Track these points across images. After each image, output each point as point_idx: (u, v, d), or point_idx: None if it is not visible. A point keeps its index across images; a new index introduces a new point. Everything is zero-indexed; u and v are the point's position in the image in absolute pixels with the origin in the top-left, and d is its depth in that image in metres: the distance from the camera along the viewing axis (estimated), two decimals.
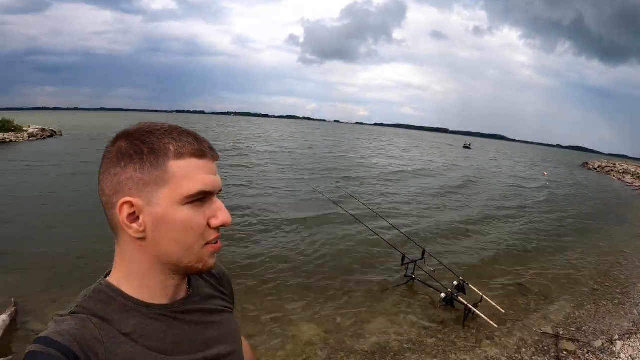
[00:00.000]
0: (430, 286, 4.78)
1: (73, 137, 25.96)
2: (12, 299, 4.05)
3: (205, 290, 0.78)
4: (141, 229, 0.61)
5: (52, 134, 24.68)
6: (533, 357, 3.61)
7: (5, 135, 20.15)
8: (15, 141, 20.25)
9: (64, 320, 0.59)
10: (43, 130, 24.03)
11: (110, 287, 0.65)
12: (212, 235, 0.65)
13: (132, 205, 0.60)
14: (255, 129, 53.37)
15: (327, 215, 8.29)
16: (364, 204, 6.84)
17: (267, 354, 3.62)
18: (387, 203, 10.47)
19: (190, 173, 0.61)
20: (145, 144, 0.61)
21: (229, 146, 23.98)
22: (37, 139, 22.22)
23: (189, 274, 0.69)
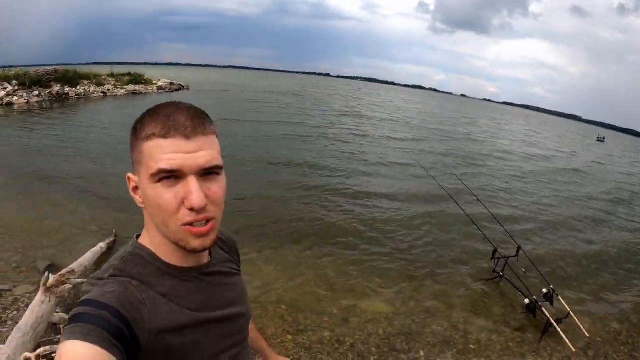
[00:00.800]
0: (517, 288, 4.43)
1: (199, 91, 28.47)
2: (114, 231, 4.67)
3: (221, 253, 0.86)
4: (140, 200, 0.69)
5: (180, 88, 27.17)
6: None
7: (137, 87, 22.72)
8: (145, 93, 22.81)
9: (105, 283, 0.64)
10: (171, 83, 26.68)
11: (146, 250, 0.71)
12: (187, 216, 0.64)
13: (130, 179, 0.70)
14: (386, 97, 51.53)
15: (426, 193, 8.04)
16: (465, 185, 6.48)
17: (334, 320, 3.70)
18: (504, 193, 9.68)
19: (153, 153, 0.63)
20: (137, 129, 0.67)
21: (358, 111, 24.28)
22: (165, 91, 24.68)
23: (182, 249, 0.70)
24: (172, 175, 0.63)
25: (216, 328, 0.75)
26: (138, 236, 0.75)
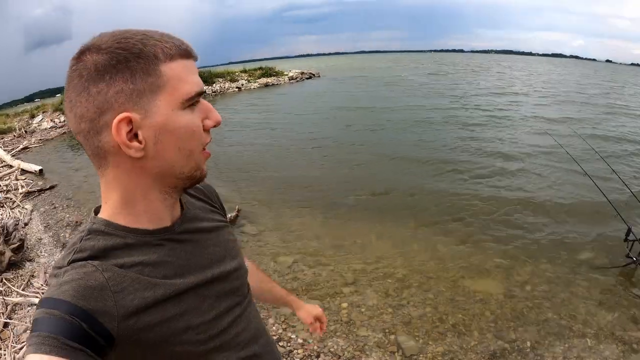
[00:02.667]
0: None
1: (329, 77, 29.44)
2: (237, 206, 5.17)
3: (198, 205, 0.77)
4: (142, 145, 0.57)
5: (311, 76, 28.42)
6: None
7: (269, 80, 24.65)
8: (278, 84, 24.67)
9: (65, 271, 0.55)
10: (302, 73, 28.12)
11: (105, 222, 0.62)
12: (207, 137, 0.64)
13: (130, 121, 0.55)
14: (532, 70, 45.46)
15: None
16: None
17: (441, 298, 3.59)
18: None
19: (183, 74, 0.58)
20: (128, 51, 0.54)
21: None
22: (297, 81, 26.20)
23: (187, 187, 0.67)
24: (197, 100, 0.61)
25: (205, 292, 0.67)
26: (97, 212, 0.65)
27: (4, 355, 2.76)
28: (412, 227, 4.97)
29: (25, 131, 12.90)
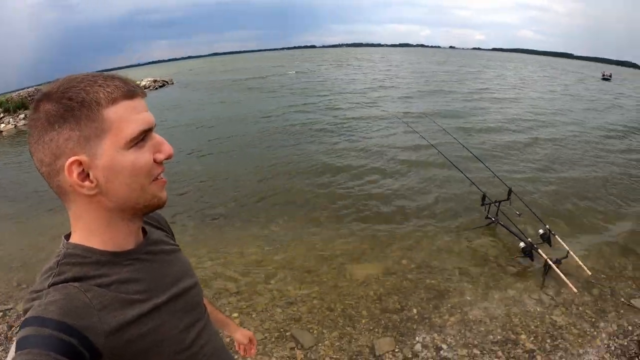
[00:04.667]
0: (512, 232, 4.25)
1: (182, 83, 28.44)
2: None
3: (155, 231, 0.81)
4: (94, 184, 0.61)
5: (164, 84, 27.09)
6: (611, 338, 2.95)
7: None
8: None
9: (47, 293, 0.57)
10: (155, 81, 26.50)
11: (80, 247, 0.64)
12: (158, 169, 0.66)
13: (80, 163, 0.59)
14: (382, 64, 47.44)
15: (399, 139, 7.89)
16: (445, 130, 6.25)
17: (323, 287, 3.61)
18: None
19: (126, 115, 0.61)
20: (73, 100, 0.58)
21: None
22: (150, 90, 24.51)
23: (147, 213, 0.70)
24: (145, 136, 0.63)
25: (173, 307, 0.72)
26: (67, 237, 0.68)
27: None
28: (285, 226, 4.98)
29: None
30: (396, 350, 2.84)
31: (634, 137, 10.36)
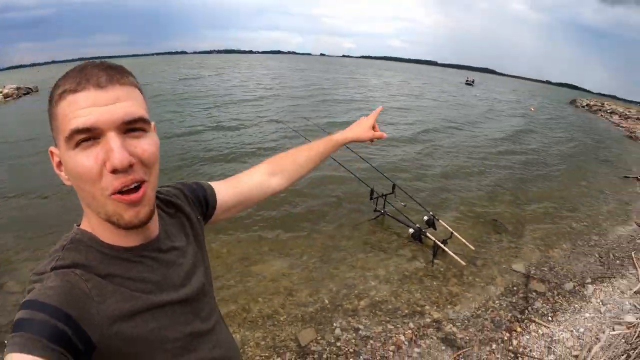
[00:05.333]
0: (400, 221, 4.67)
1: (49, 92, 24.79)
2: None
3: (170, 222, 0.76)
4: (66, 176, 0.59)
5: (28, 91, 23.35)
6: (501, 297, 3.53)
7: None
8: None
9: (48, 277, 0.56)
10: (18, 88, 22.88)
11: (87, 234, 0.62)
12: (113, 181, 0.55)
13: (52, 154, 0.61)
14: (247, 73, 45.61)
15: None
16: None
17: (233, 290, 3.58)
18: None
19: (68, 111, 0.54)
20: (52, 94, 0.57)
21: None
22: (13, 98, 21.10)
23: (122, 228, 0.60)
24: (89, 137, 0.54)
25: (178, 309, 0.68)
26: (79, 223, 0.66)
27: None
28: None
29: None
30: (319, 337, 2.96)
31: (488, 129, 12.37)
